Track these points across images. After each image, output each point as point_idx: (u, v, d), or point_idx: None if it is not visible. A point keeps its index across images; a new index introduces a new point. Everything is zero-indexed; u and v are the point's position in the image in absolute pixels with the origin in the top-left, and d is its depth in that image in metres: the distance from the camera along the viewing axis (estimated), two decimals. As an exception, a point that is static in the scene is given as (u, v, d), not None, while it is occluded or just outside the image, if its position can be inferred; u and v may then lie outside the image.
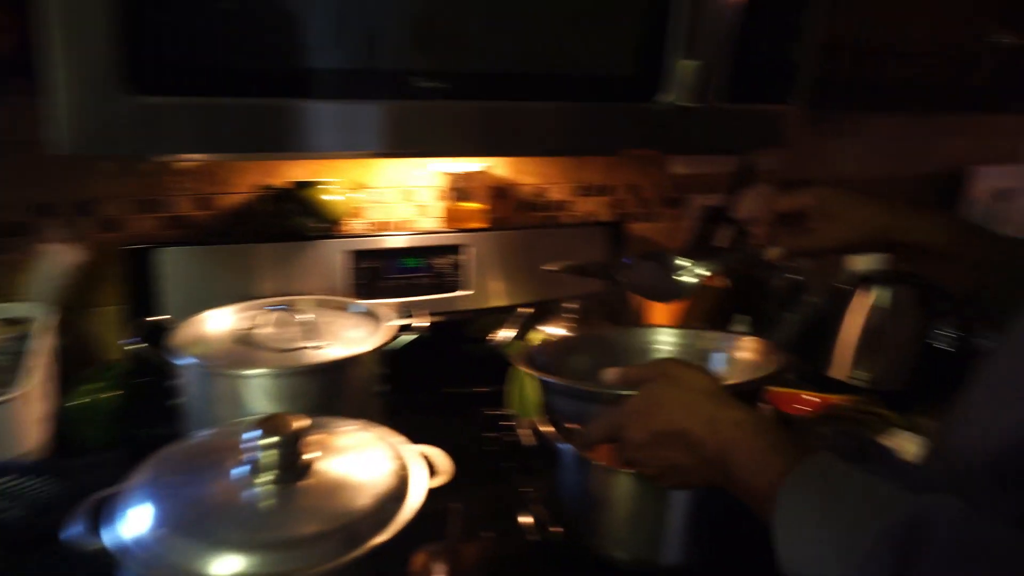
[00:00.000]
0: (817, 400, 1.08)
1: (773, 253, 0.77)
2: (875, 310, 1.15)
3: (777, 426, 0.54)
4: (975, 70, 1.04)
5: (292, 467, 0.62)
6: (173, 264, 1.00)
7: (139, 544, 0.56)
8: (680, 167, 1.31)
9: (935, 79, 1.02)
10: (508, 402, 1.08)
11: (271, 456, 0.61)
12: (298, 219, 1.04)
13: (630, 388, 0.62)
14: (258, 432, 0.61)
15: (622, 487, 0.71)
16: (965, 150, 1.51)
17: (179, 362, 0.82)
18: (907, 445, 0.96)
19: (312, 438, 0.68)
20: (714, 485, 0.57)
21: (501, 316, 1.15)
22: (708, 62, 0.81)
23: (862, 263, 1.35)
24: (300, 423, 0.63)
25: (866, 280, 1.21)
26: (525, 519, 0.83)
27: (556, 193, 1.26)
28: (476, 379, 1.16)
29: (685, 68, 0.80)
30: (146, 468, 0.65)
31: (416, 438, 0.72)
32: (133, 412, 0.97)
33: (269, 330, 0.91)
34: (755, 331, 1.21)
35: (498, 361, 1.05)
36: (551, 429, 0.79)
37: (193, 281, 1.01)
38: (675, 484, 0.63)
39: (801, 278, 1.26)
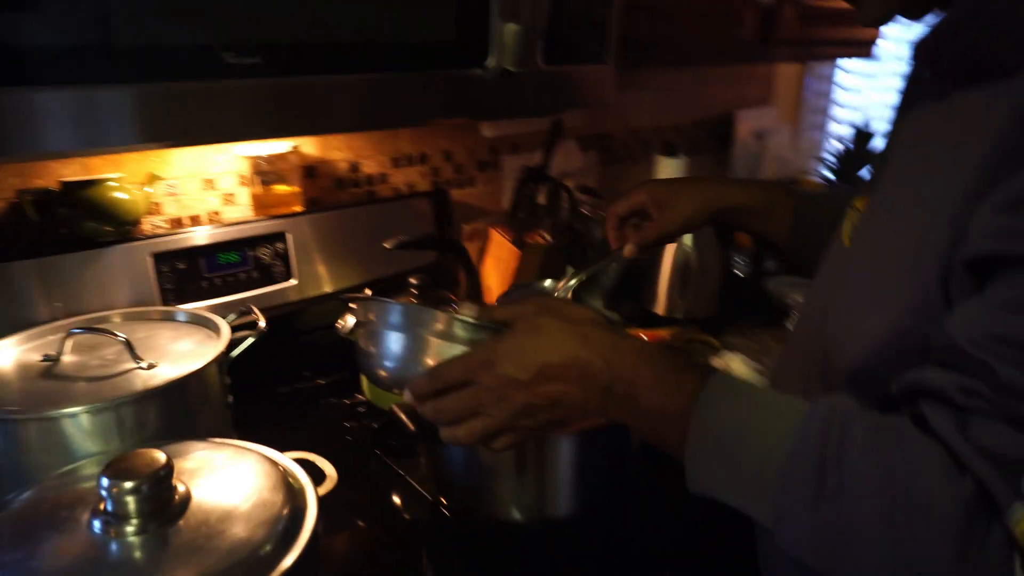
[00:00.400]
0: (646, 336, 1.18)
1: (628, 251, 0.82)
2: (682, 249, 1.27)
3: (673, 351, 0.56)
4: (741, 27, 1.17)
5: (165, 507, 0.54)
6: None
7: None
8: (489, 130, 1.32)
9: (711, 36, 1.14)
10: (366, 390, 1.04)
11: (136, 500, 0.53)
12: (88, 224, 0.88)
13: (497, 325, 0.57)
14: (116, 477, 0.52)
15: (509, 453, 0.71)
16: (733, 97, 1.71)
17: (-35, 414, 0.67)
18: (733, 364, 1.09)
19: (179, 468, 0.60)
20: (596, 423, 0.56)
21: (336, 303, 1.10)
22: (530, 25, 0.81)
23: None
24: (160, 458, 0.55)
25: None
26: (413, 497, 0.82)
27: (370, 167, 1.21)
28: (322, 370, 1.10)
29: (509, 32, 0.80)
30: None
31: (280, 446, 0.67)
32: None
33: (76, 357, 0.78)
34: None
35: (344, 348, 1.00)
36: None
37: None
38: (550, 431, 0.57)
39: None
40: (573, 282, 0.87)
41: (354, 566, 0.70)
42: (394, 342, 0.63)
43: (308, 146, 1.13)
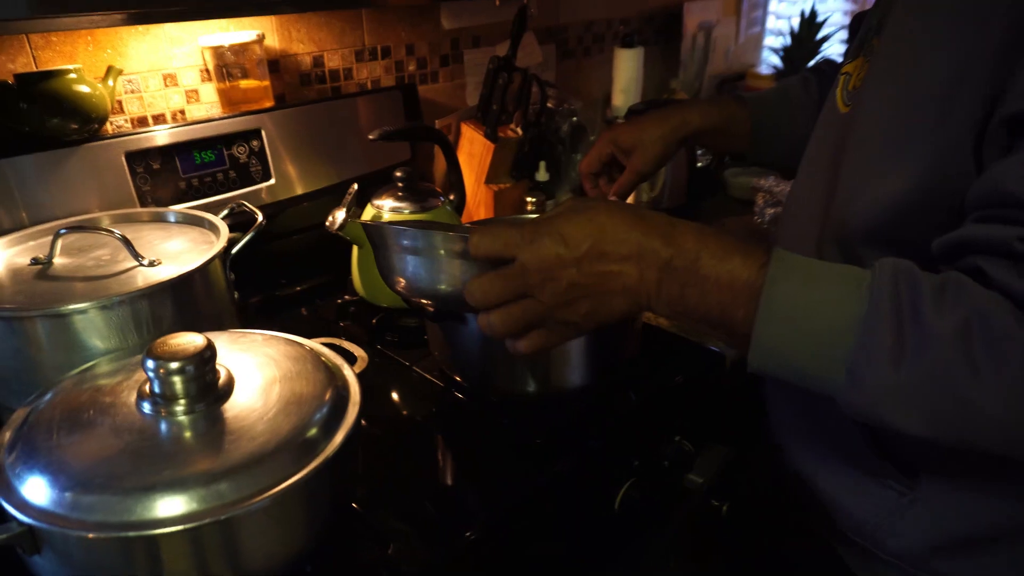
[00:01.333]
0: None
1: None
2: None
3: (728, 231, 0.57)
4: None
5: (211, 389, 0.55)
6: None
7: (66, 514, 0.46)
8: (449, 21, 1.28)
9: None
10: (359, 287, 1.04)
11: (183, 381, 0.53)
12: (51, 121, 0.83)
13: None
14: (162, 359, 0.52)
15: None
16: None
17: (-33, 317, 0.64)
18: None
19: (219, 353, 0.60)
20: (639, 311, 0.53)
21: (312, 203, 1.08)
22: None
23: (622, 98, 1.50)
24: (201, 340, 0.55)
25: (633, 113, 1.35)
26: (422, 386, 0.84)
27: (334, 61, 1.16)
28: (304, 272, 1.08)
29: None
30: (9, 440, 0.52)
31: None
32: None
33: (66, 259, 0.75)
34: (551, 174, 1.29)
35: (327, 249, 0.99)
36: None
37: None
38: (588, 325, 0.53)
39: (580, 121, 1.36)
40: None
41: (379, 457, 0.72)
42: (412, 264, 0.62)
43: (270, 37, 1.07)
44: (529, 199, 1.20)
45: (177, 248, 0.78)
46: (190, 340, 0.55)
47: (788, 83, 0.90)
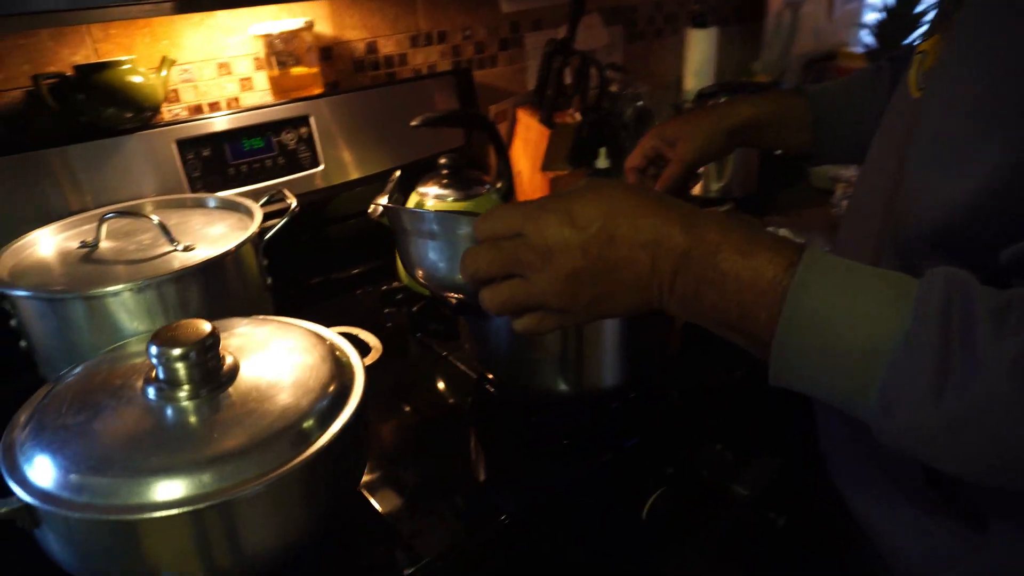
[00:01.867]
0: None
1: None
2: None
3: (757, 222, 0.51)
4: None
5: (214, 375, 0.55)
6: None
7: (61, 494, 0.47)
8: (508, 4, 1.25)
9: None
10: (402, 274, 1.03)
11: (186, 367, 0.53)
12: (107, 110, 0.86)
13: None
14: (164, 345, 0.53)
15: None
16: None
17: (17, 294, 0.68)
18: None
19: (227, 341, 0.60)
20: (649, 306, 0.46)
21: (365, 188, 1.08)
22: None
23: (694, 81, 1.42)
24: (205, 327, 0.55)
25: (703, 96, 1.27)
26: (457, 377, 0.82)
27: (388, 47, 1.16)
28: (353, 259, 1.09)
29: None
30: (27, 417, 0.54)
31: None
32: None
33: (112, 243, 0.77)
34: (613, 161, 1.24)
35: (376, 235, 0.99)
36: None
37: (-14, 206, 0.81)
38: (591, 314, 0.48)
39: (646, 105, 1.30)
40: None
41: (405, 448, 0.71)
42: (427, 249, 0.59)
43: (322, 24, 1.08)
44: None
45: (215, 233, 0.79)
46: (194, 327, 0.55)
47: (857, 73, 0.82)
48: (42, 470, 0.49)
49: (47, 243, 0.79)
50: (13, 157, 0.83)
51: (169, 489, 0.48)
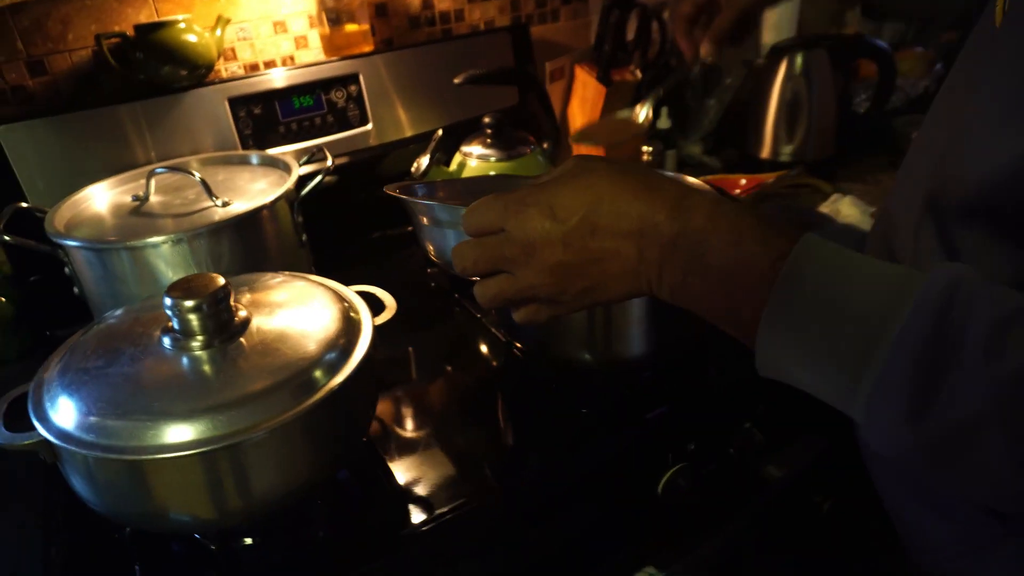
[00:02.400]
0: (745, 180, 1.09)
1: (704, 51, 0.73)
2: (790, 80, 1.13)
3: (753, 208, 0.46)
4: None
5: (226, 326, 0.57)
6: (20, 145, 0.85)
7: (74, 433, 0.50)
8: (574, -44, 1.20)
9: None
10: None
11: (198, 318, 0.55)
12: (163, 68, 0.89)
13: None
14: (178, 297, 0.55)
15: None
16: None
17: (69, 244, 0.72)
18: (844, 209, 0.98)
19: (243, 295, 0.62)
20: (640, 294, 0.45)
21: (417, 147, 1.08)
22: None
23: (773, 35, 1.32)
24: (218, 280, 0.56)
25: (778, 51, 1.19)
26: (491, 341, 0.82)
27: (444, 3, 1.14)
28: (402, 219, 1.09)
29: None
30: (59, 358, 0.58)
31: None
32: (35, 315, 0.87)
33: (161, 197, 0.81)
34: (677, 122, 1.18)
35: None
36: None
37: (51, 161, 0.87)
38: (583, 303, 0.47)
39: (716, 62, 1.22)
40: (648, 104, 0.79)
41: (444, 408, 0.72)
42: (432, 235, 0.60)
43: (379, -19, 1.07)
44: (645, 148, 1.11)
45: (256, 189, 0.81)
46: (208, 280, 0.56)
47: None
48: (63, 409, 0.52)
49: (104, 196, 0.83)
50: (81, 113, 0.88)
51: (179, 432, 0.50)
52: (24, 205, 0.77)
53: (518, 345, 0.79)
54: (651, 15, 1.11)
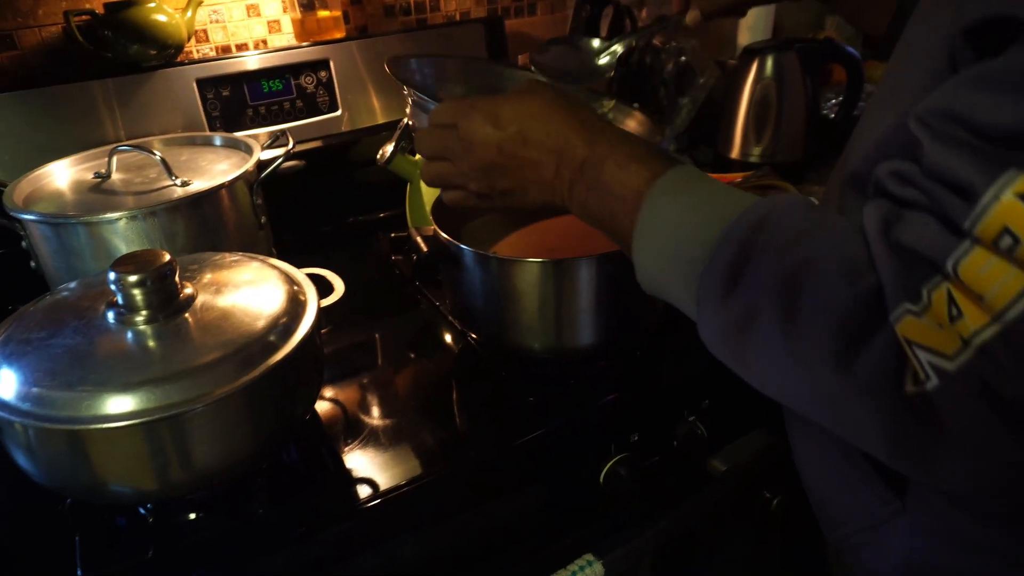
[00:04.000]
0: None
1: (690, 18, 0.75)
2: (760, 82, 1.14)
3: (652, 143, 0.51)
4: None
5: (169, 302, 0.57)
6: (-13, 118, 0.86)
7: (13, 403, 0.51)
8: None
9: None
10: (409, 221, 1.04)
11: (142, 293, 0.56)
12: (132, 47, 0.90)
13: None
14: (122, 272, 0.55)
15: (524, 278, 0.70)
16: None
17: (24, 218, 0.73)
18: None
19: (192, 272, 0.63)
20: (551, 204, 0.53)
21: (388, 134, 1.08)
22: None
23: (749, 36, 1.34)
24: (164, 256, 0.57)
25: (750, 53, 1.20)
26: (451, 329, 0.83)
27: (423, -7, 1.15)
28: (372, 205, 1.10)
29: None
30: (3, 330, 0.59)
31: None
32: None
33: (123, 175, 0.82)
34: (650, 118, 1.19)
35: (392, 182, 0.99)
36: (445, 236, 0.76)
37: (16, 135, 0.87)
38: (502, 201, 0.56)
39: (689, 61, 1.23)
40: (606, 57, 0.81)
41: (398, 393, 0.73)
42: (419, 119, 0.70)
43: (356, -31, 1.08)
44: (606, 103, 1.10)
45: (217, 169, 0.82)
46: (153, 256, 0.57)
47: None
48: (3, 380, 0.53)
49: (67, 172, 0.84)
50: (50, 88, 0.89)
51: (118, 403, 0.51)
52: (-15, 179, 0.77)
53: (473, 336, 0.80)
54: (624, 11, 1.12)
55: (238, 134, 0.92)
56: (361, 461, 0.64)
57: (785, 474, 0.83)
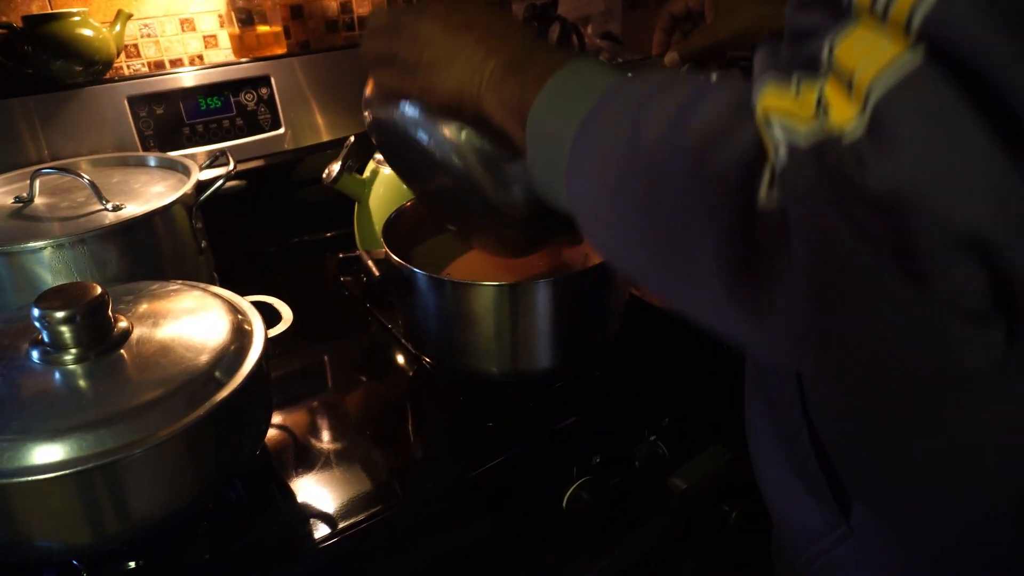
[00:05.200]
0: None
1: (668, 59, 0.73)
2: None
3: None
4: None
5: (102, 339, 0.53)
6: None
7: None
8: (498, -33, 1.20)
9: None
10: (358, 242, 1.01)
11: (71, 330, 0.52)
12: (55, 63, 0.84)
13: None
14: (47, 307, 0.51)
15: (479, 301, 0.68)
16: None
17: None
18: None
19: (126, 304, 0.59)
20: (465, 93, 0.50)
21: (334, 152, 1.05)
22: None
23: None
24: (95, 289, 0.53)
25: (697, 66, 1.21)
26: (404, 352, 0.81)
27: (363, 6, 1.12)
28: (317, 225, 1.07)
29: None
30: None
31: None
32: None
33: (47, 199, 0.76)
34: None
35: (339, 202, 0.96)
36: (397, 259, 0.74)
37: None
38: (424, 80, 0.52)
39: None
40: None
41: (351, 420, 0.70)
42: None
43: (294, -18, 1.05)
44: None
45: (152, 192, 0.77)
46: (83, 289, 0.53)
47: None
48: (-87, 429, 0.48)
49: (-17, 197, 0.78)
50: (-36, 107, 0.83)
51: (45, 453, 0.47)
52: None
53: (426, 359, 0.77)
54: (570, 28, 1.12)
55: (174, 154, 0.88)
56: (313, 495, 0.61)
57: (743, 487, 0.84)
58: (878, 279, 0.26)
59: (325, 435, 0.68)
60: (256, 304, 0.64)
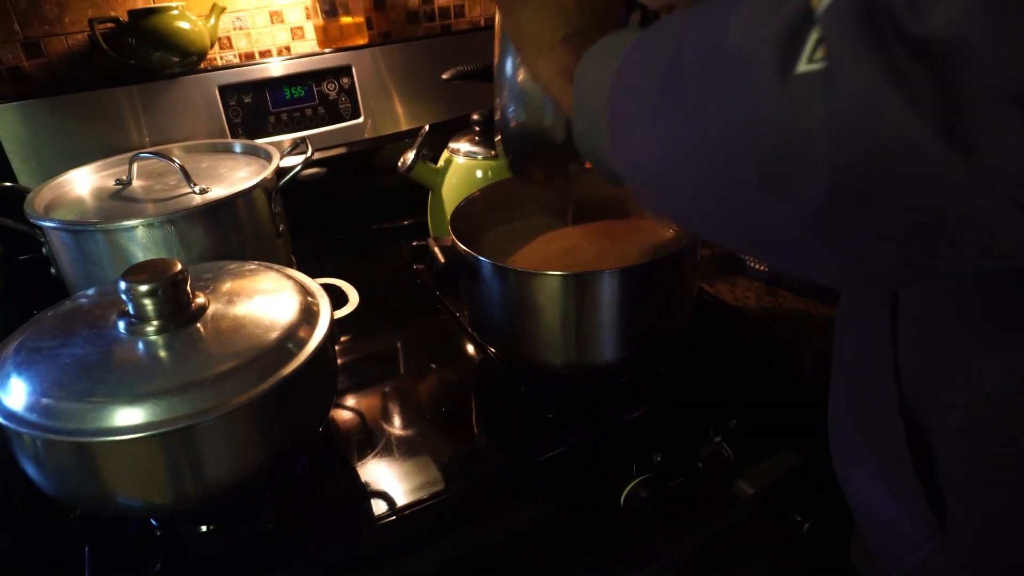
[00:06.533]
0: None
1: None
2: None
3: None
4: None
5: (181, 312, 0.57)
6: (10, 124, 0.86)
7: (22, 414, 0.50)
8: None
9: None
10: (431, 230, 1.02)
11: (153, 303, 0.55)
12: (155, 54, 0.90)
13: None
14: (133, 281, 0.55)
15: (544, 291, 0.68)
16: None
17: (44, 224, 0.73)
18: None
19: (205, 282, 0.62)
20: (541, 44, 0.51)
21: (408, 141, 1.07)
22: None
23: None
24: (176, 265, 0.56)
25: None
26: (464, 344, 0.81)
27: (447, -1, 1.13)
28: (394, 213, 1.09)
29: None
30: (17, 338, 0.58)
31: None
32: (22, 294, 0.88)
33: (143, 182, 0.81)
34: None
35: (415, 190, 0.98)
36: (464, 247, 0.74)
37: (42, 142, 0.88)
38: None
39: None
40: None
41: (415, 406, 0.71)
42: None
43: (380, -25, 1.07)
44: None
45: (236, 176, 0.81)
46: (165, 265, 0.56)
47: None
48: (14, 390, 0.52)
49: (88, 179, 0.84)
50: (75, 95, 0.89)
51: (127, 415, 0.50)
52: (7, 184, 0.78)
53: (491, 349, 0.78)
54: (651, 16, 1.10)
55: (259, 141, 0.91)
56: (375, 474, 0.62)
57: (818, 497, 0.80)
58: (918, 141, 0.23)
59: (390, 417, 0.70)
60: (326, 286, 0.66)
